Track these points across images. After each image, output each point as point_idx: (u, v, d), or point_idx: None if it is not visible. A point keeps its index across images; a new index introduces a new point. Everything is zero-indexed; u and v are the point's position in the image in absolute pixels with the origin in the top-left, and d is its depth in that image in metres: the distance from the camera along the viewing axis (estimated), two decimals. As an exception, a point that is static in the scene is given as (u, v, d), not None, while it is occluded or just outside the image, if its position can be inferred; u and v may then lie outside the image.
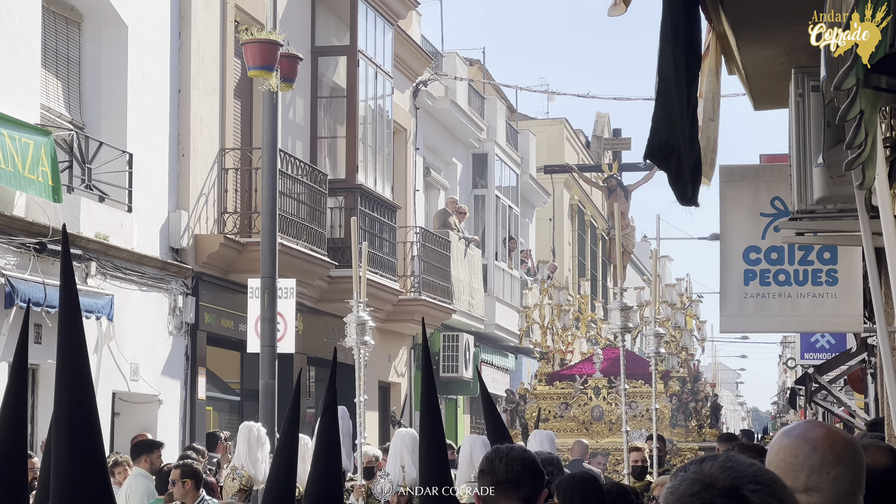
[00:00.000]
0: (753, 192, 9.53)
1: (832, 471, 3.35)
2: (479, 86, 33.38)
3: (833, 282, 9.44)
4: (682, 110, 6.36)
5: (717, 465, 2.66)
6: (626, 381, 21.13)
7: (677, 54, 6.34)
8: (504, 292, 32.29)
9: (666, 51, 6.35)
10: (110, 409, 16.22)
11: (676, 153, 6.38)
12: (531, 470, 5.12)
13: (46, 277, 14.27)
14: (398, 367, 26.58)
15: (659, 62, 6.39)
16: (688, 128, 6.47)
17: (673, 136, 6.34)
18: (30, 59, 14.86)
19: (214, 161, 18.62)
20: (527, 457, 5.19)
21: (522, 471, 5.10)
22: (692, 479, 2.63)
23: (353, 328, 11.56)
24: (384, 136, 23.72)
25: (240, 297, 17.55)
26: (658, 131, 6.34)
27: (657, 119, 6.35)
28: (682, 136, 6.36)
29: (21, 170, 13.77)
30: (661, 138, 6.35)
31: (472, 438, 7.49)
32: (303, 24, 21.58)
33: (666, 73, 6.34)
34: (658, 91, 6.38)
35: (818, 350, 23.58)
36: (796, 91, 7.49)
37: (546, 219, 39.37)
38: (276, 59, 14.95)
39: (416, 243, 25.99)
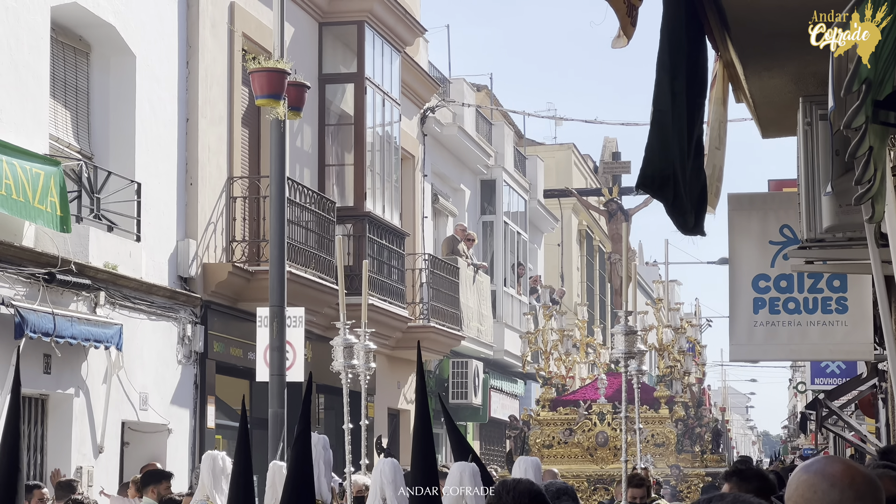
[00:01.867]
0: (762, 220, 9.52)
1: (851, 507, 3.33)
2: (487, 112, 33.41)
3: (843, 310, 9.42)
4: (681, 140, 6.36)
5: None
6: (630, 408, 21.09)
7: (676, 85, 6.35)
8: (513, 318, 32.26)
9: (663, 81, 6.36)
10: (120, 438, 16.22)
11: (673, 183, 6.37)
12: (539, 503, 5.11)
13: (56, 308, 14.28)
14: (407, 394, 26.54)
15: (655, 93, 6.41)
16: (690, 158, 6.46)
17: (668, 167, 6.33)
18: (38, 89, 14.90)
19: (222, 190, 18.63)
20: (534, 490, 5.17)
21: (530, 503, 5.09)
22: None
23: (340, 351, 11.47)
24: (392, 163, 23.74)
25: (248, 325, 17.54)
26: (652, 161, 6.35)
27: (651, 149, 6.36)
28: (680, 165, 6.35)
29: (31, 200, 13.80)
30: (654, 168, 6.35)
31: (461, 465, 7.37)
32: (310, 51, 21.62)
33: (662, 103, 6.35)
34: (653, 121, 6.40)
35: (829, 375, 23.53)
36: (804, 120, 7.49)
37: (554, 244, 39.35)
38: (283, 87, 14.97)
39: (424, 270, 25.98)
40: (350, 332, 11.37)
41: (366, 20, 22.25)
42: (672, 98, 6.31)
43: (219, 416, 18.47)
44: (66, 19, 15.95)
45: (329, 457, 7.74)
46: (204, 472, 10.79)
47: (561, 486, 7.43)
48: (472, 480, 7.05)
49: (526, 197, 34.74)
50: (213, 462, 10.67)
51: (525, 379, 34.30)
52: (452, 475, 7.19)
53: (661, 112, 6.28)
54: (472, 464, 7.29)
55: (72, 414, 15.05)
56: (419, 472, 6.85)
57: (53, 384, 14.74)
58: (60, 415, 15.04)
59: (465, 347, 28.20)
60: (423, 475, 6.86)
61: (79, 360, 15.17)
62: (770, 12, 6.72)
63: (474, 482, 7.05)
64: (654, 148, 6.29)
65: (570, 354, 23.25)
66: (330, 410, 21.89)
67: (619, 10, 6.47)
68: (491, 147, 32.02)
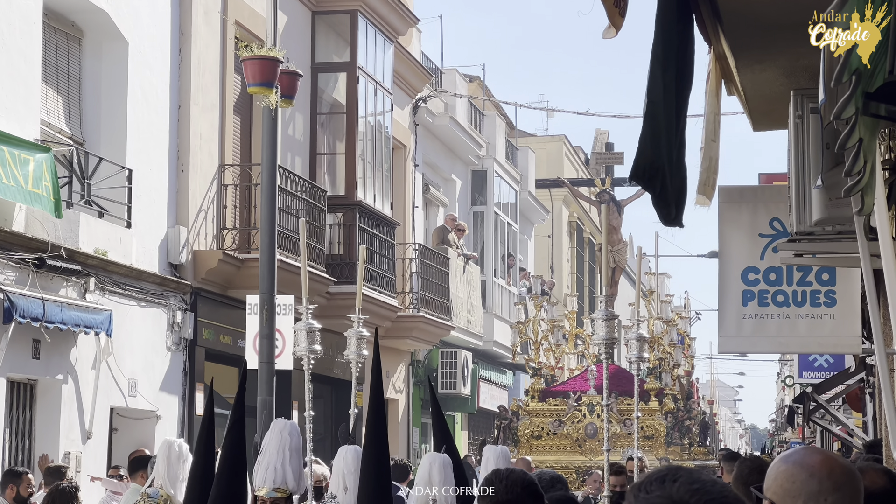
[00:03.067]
0: (752, 213, 9.54)
1: (829, 497, 3.36)
2: (479, 102, 33.41)
3: (831, 303, 9.44)
4: (669, 132, 6.39)
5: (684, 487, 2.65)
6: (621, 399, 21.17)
7: (667, 77, 6.37)
8: (503, 309, 32.29)
9: (656, 73, 6.39)
10: (108, 424, 16.22)
11: (661, 175, 6.41)
12: (531, 492, 5.14)
13: (45, 293, 14.28)
14: (396, 383, 26.56)
15: (648, 84, 6.43)
16: (675, 150, 6.49)
17: (659, 158, 6.37)
18: (30, 74, 14.88)
19: (214, 177, 18.63)
20: (526, 479, 5.21)
21: (522, 492, 5.12)
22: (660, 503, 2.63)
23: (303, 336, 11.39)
24: (384, 152, 23.74)
25: (238, 313, 17.54)
26: (644, 152, 6.38)
27: (643, 140, 6.38)
28: (668, 158, 6.38)
29: (23, 184, 13.79)
30: (647, 159, 6.38)
31: (431, 456, 7.22)
32: (303, 40, 21.61)
33: (655, 95, 6.38)
34: (646, 112, 6.42)
35: (816, 369, 23.58)
36: (795, 113, 7.50)
37: (545, 236, 39.38)
38: (275, 75, 14.96)
39: (414, 260, 26.00)
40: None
41: (359, 9, 22.25)
42: (664, 90, 6.34)
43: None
44: (59, 5, 15.93)
45: (296, 443, 7.48)
46: (160, 461, 10.25)
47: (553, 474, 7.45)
48: (440, 475, 6.97)
49: (517, 188, 34.76)
50: (170, 449, 10.13)
51: (514, 369, 34.34)
52: (422, 469, 7.08)
53: (654, 104, 6.31)
54: (444, 455, 7.23)
55: (60, 399, 15.05)
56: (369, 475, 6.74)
57: (42, 370, 14.74)
58: (49, 400, 15.04)
59: (455, 337, 28.23)
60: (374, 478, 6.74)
61: (68, 346, 15.17)
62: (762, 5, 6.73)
63: (443, 477, 6.97)
64: (647, 139, 6.32)
65: (560, 345, 23.29)
66: (319, 399, 21.88)
67: (606, 1, 6.48)
68: (482, 138, 32.03)
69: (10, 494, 11.52)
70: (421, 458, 8.01)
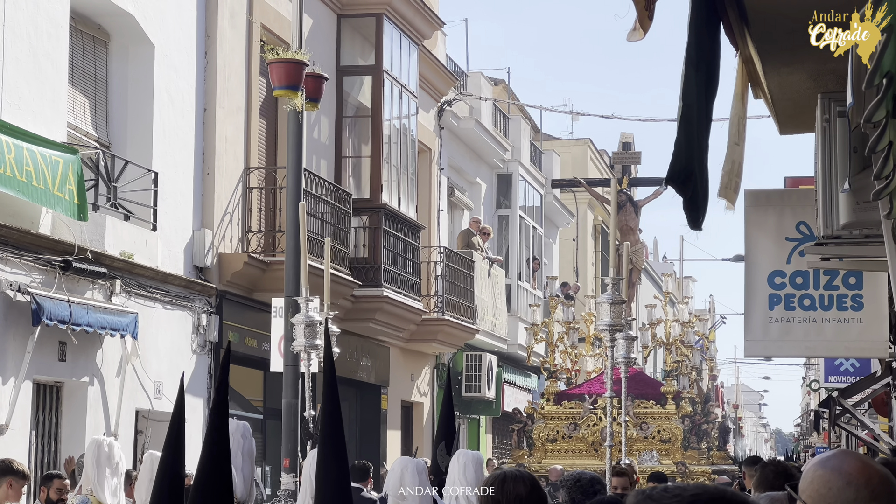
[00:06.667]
0: (779, 216, 9.51)
1: (866, 507, 3.31)
2: (504, 106, 33.40)
3: (858, 307, 9.40)
4: (700, 136, 6.38)
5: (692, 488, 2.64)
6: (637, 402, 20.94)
7: (699, 79, 6.35)
8: (527, 312, 32.24)
9: (690, 76, 6.36)
10: (134, 427, 16.26)
11: (693, 179, 6.40)
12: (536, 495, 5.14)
13: (72, 295, 14.33)
14: (421, 386, 26.57)
15: (683, 87, 6.40)
16: (704, 154, 6.49)
17: (692, 163, 6.36)
18: (57, 77, 14.94)
19: (239, 180, 18.67)
20: (531, 480, 5.21)
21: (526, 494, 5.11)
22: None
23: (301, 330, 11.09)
24: (409, 155, 23.75)
25: (263, 315, 17.57)
26: (679, 156, 6.36)
27: (679, 144, 6.36)
28: (698, 161, 6.38)
29: (50, 187, 13.84)
30: (681, 163, 6.36)
31: (403, 461, 7.08)
32: (328, 43, 21.64)
33: (689, 98, 6.35)
34: (681, 116, 6.39)
35: (842, 373, 23.47)
36: (822, 116, 7.47)
37: (570, 239, 39.32)
38: (301, 78, 14.99)
39: (439, 263, 25.99)
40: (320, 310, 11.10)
41: (384, 13, 22.27)
42: (697, 93, 6.32)
43: (232, 407, 18.49)
44: (86, 8, 15.99)
45: (250, 447, 7.03)
46: (88, 464, 9.50)
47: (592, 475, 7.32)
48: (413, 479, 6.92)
49: (542, 191, 34.72)
50: (98, 450, 9.40)
51: (538, 373, 34.30)
52: (393, 473, 6.96)
53: (689, 107, 6.29)
54: (419, 460, 7.17)
55: (86, 402, 15.09)
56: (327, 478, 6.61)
57: (68, 372, 14.79)
58: (75, 402, 15.09)
59: (479, 341, 28.21)
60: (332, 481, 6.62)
61: (94, 348, 15.22)
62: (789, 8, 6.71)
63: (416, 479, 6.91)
64: (682, 143, 6.30)
65: (577, 347, 23.18)
66: (344, 402, 21.87)
67: (638, 3, 6.47)
68: (507, 141, 32.01)
69: (42, 496, 11.58)
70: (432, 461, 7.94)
